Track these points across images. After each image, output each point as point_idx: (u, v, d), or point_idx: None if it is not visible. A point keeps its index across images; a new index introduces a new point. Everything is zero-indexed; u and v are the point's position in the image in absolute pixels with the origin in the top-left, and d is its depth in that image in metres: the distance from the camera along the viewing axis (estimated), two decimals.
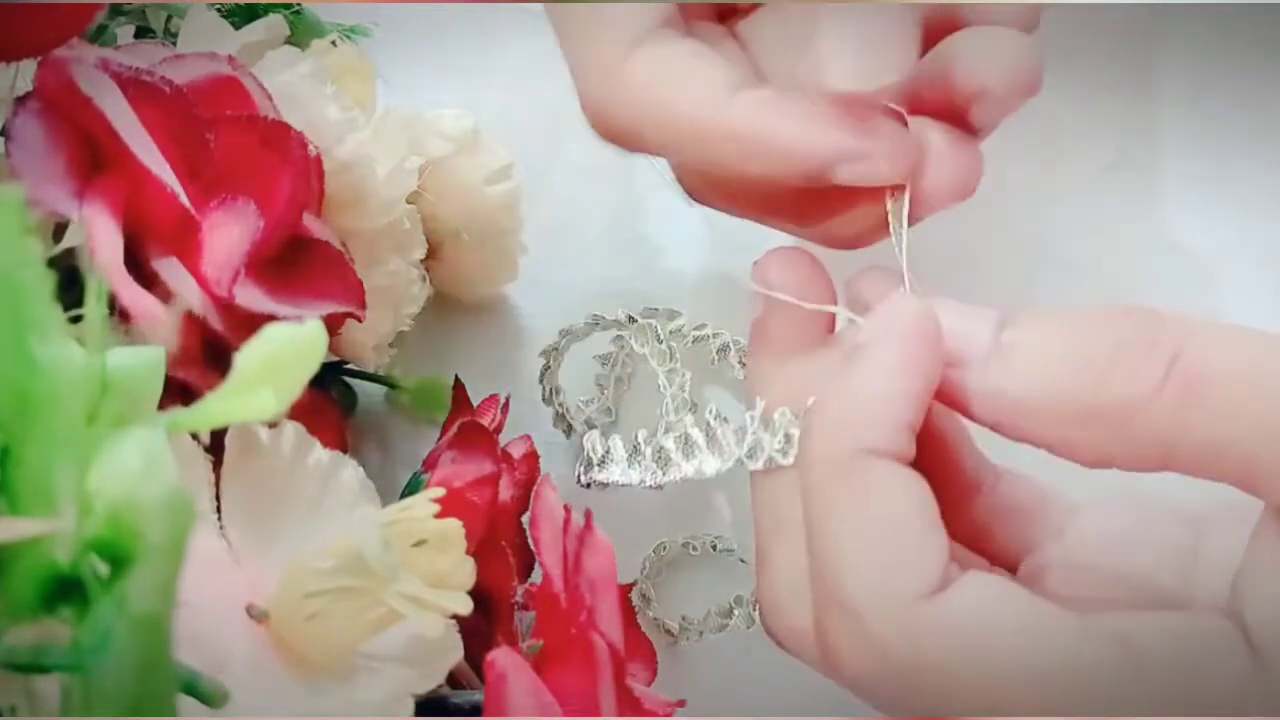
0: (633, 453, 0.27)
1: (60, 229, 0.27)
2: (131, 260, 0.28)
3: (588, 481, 0.28)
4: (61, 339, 0.18)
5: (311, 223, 0.32)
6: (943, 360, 0.23)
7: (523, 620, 0.32)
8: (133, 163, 0.28)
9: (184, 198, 0.28)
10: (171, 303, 0.27)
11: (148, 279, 0.28)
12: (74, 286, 0.19)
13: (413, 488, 0.31)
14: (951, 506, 0.25)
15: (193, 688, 0.20)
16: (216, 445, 0.24)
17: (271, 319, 0.24)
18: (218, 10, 0.36)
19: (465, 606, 0.24)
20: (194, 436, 0.24)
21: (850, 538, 0.22)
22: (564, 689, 0.24)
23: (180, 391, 0.27)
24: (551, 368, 0.40)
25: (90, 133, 0.28)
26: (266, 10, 0.37)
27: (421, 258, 0.38)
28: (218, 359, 0.29)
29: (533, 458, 0.35)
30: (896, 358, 0.23)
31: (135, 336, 0.25)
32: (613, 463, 0.27)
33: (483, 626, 0.30)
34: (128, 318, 0.26)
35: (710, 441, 0.26)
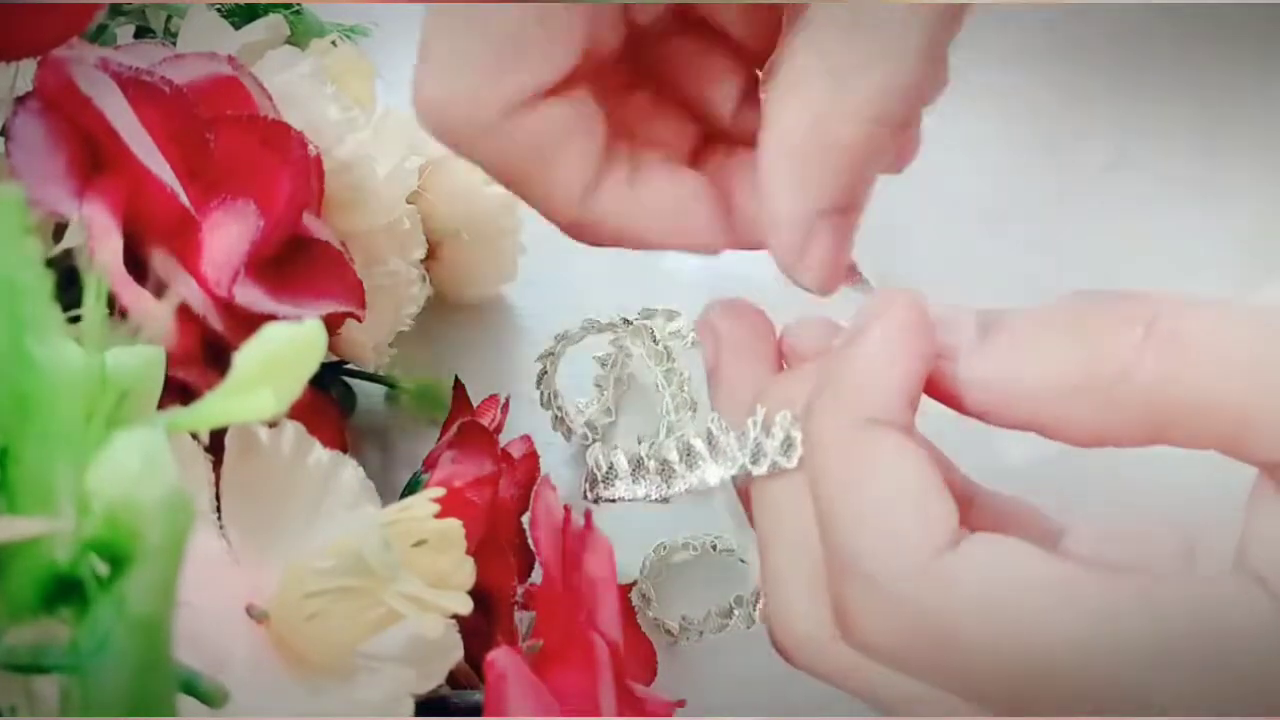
0: (636, 466, 0.27)
1: (60, 229, 0.27)
2: (131, 260, 0.28)
3: (594, 498, 0.28)
4: (60, 339, 0.18)
5: (311, 222, 0.32)
6: (934, 344, 0.23)
7: (523, 620, 0.32)
8: (133, 163, 0.28)
9: (184, 198, 0.28)
10: (167, 295, 0.27)
11: (148, 279, 0.28)
12: (73, 286, 0.19)
13: (413, 488, 0.31)
14: None
15: (193, 688, 0.20)
16: (216, 445, 0.24)
17: (271, 318, 0.24)
18: (218, 10, 0.36)
19: (465, 606, 0.24)
20: (194, 436, 0.24)
21: (864, 506, 0.22)
22: (564, 689, 0.24)
23: (180, 391, 0.28)
24: (548, 372, 0.40)
25: (90, 133, 0.28)
26: (266, 10, 0.37)
27: (421, 258, 0.38)
28: (217, 359, 0.29)
29: (533, 458, 0.35)
30: (893, 334, 0.23)
31: (132, 332, 0.25)
32: (617, 479, 0.27)
33: (483, 626, 0.30)
34: (127, 317, 0.26)
35: (713, 449, 0.26)
